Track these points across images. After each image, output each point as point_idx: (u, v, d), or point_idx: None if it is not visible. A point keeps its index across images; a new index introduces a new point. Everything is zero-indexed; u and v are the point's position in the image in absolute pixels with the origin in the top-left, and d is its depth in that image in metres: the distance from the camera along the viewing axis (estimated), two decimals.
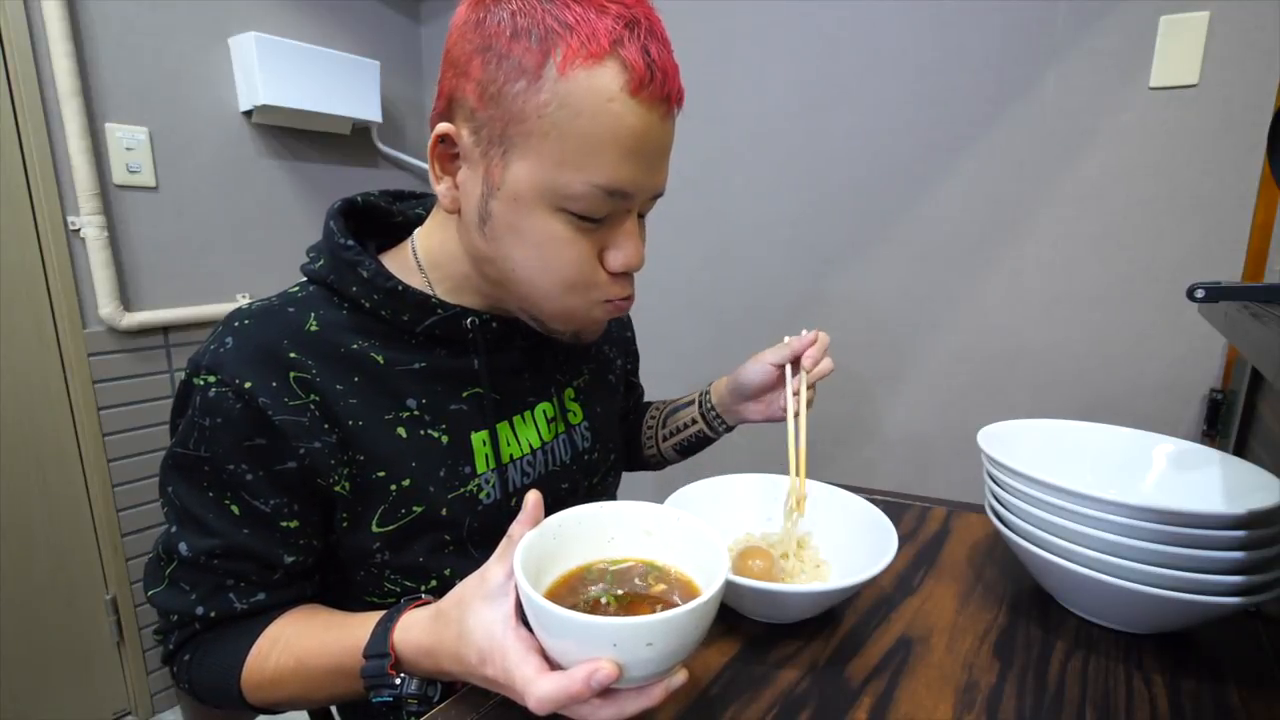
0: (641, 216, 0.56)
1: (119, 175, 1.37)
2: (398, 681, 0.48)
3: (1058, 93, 1.18)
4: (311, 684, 0.52)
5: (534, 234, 0.51)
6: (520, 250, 0.52)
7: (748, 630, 0.55)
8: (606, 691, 0.39)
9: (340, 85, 1.63)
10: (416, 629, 0.48)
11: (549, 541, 0.46)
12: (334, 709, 0.68)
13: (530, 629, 0.42)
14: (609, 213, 0.52)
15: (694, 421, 0.81)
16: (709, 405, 0.80)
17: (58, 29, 1.24)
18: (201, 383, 0.52)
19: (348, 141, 1.78)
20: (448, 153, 0.53)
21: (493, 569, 0.44)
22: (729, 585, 0.52)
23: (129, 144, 1.37)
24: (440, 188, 0.54)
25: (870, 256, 1.41)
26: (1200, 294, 0.53)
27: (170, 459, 0.54)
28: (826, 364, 0.70)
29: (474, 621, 0.43)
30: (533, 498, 0.46)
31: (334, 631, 0.52)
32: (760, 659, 0.52)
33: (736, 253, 1.57)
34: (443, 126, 0.52)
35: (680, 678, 0.41)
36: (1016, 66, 1.21)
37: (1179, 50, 1.08)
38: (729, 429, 0.80)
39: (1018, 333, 1.28)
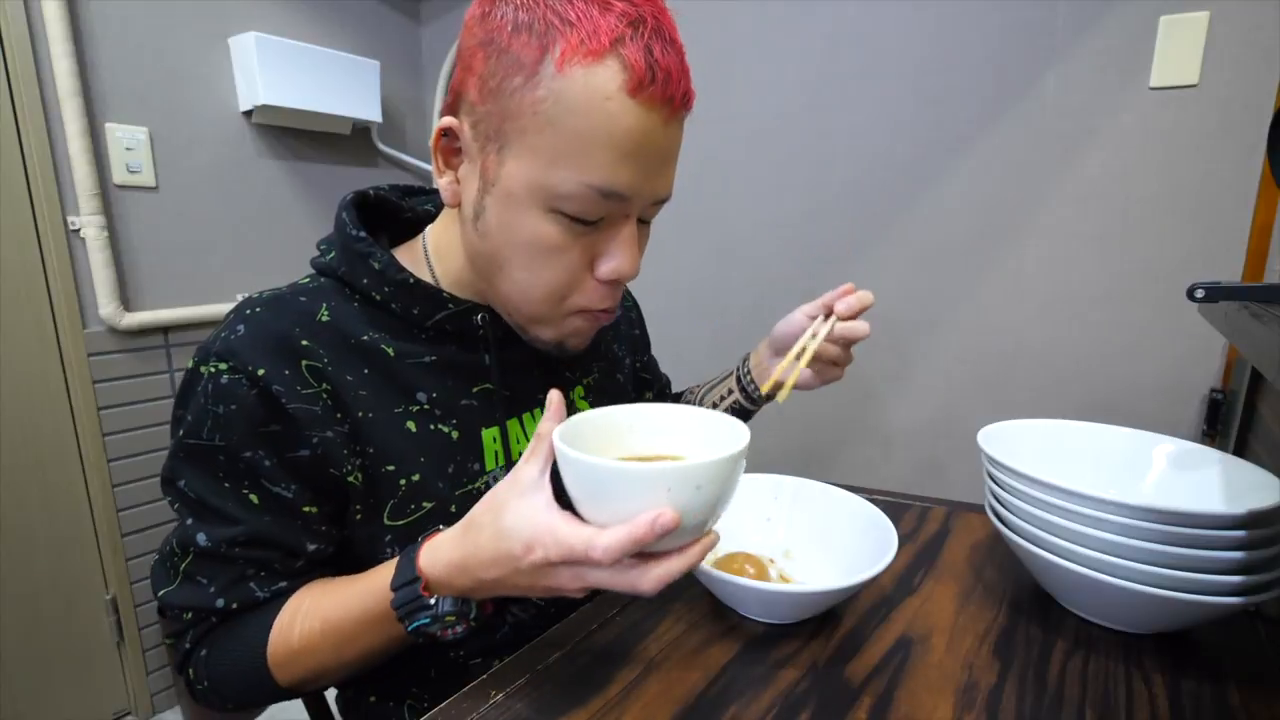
0: (645, 223, 0.55)
1: (119, 175, 1.37)
2: (432, 602, 0.47)
3: (1058, 93, 1.18)
4: (343, 643, 0.51)
5: (524, 234, 0.51)
6: (509, 249, 0.52)
7: (748, 630, 0.55)
8: (648, 556, 0.42)
9: (340, 85, 1.63)
10: (445, 547, 0.47)
11: (574, 436, 0.46)
12: (335, 711, 0.68)
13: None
14: (604, 216, 0.50)
15: (729, 393, 0.77)
16: (745, 371, 0.75)
17: (58, 29, 1.24)
18: (213, 369, 0.51)
19: (347, 141, 1.78)
20: (451, 147, 0.53)
21: (523, 470, 0.45)
22: (729, 585, 0.52)
23: (129, 144, 1.37)
24: (442, 181, 0.54)
25: (870, 256, 1.41)
26: (1200, 294, 0.53)
27: (181, 451, 0.52)
28: (861, 326, 0.63)
29: (512, 517, 0.44)
30: (555, 396, 0.48)
31: (355, 585, 0.51)
32: (760, 659, 0.52)
33: (737, 253, 1.57)
34: (446, 120, 0.52)
35: (713, 538, 0.44)
36: (1016, 66, 1.20)
37: (1179, 50, 1.08)
38: (767, 398, 0.73)
39: (1018, 332, 1.28)
